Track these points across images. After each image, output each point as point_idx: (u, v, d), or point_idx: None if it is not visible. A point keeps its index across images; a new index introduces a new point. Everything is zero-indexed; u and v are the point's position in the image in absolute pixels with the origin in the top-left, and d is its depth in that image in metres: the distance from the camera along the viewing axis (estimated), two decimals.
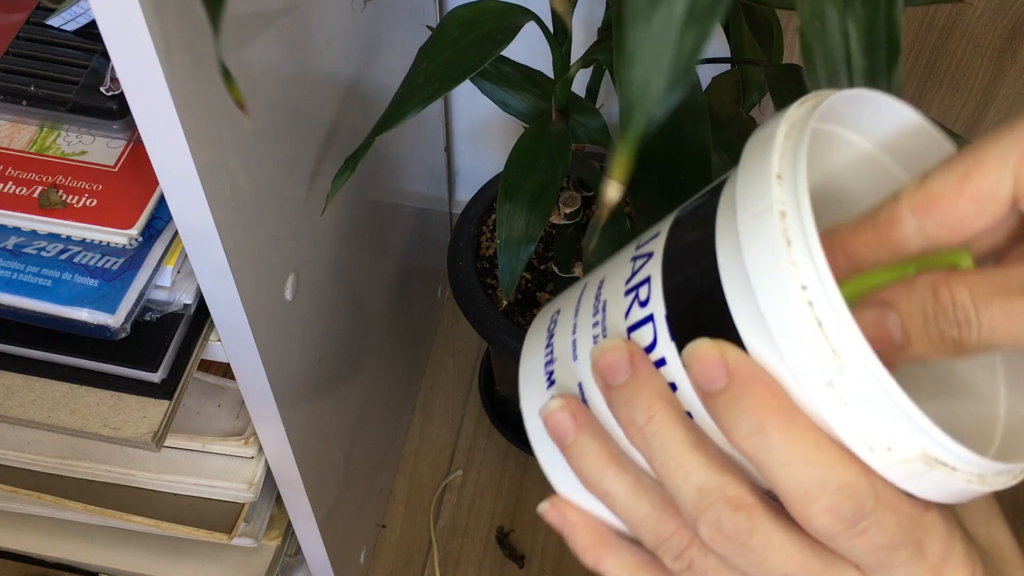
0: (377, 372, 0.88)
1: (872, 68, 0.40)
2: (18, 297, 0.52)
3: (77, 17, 0.56)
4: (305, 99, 0.55)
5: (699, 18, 0.39)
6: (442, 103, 1.02)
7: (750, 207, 0.28)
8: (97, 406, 0.56)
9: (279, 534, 0.84)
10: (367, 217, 0.74)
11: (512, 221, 0.57)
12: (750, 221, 0.28)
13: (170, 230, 0.53)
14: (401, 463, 1.08)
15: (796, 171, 0.28)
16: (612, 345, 0.30)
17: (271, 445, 0.65)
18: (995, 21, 0.80)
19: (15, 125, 0.56)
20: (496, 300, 0.85)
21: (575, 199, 0.76)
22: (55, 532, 0.86)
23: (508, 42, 0.53)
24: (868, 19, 0.40)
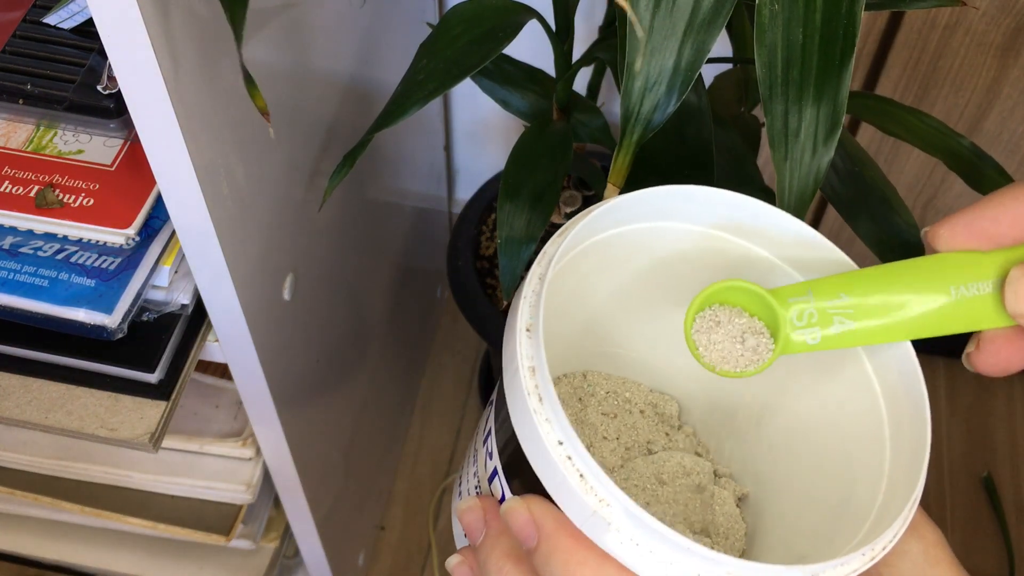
0: (376, 372, 0.88)
1: (825, 62, 0.40)
2: (14, 297, 0.51)
3: (74, 15, 0.56)
4: (304, 97, 0.55)
5: (700, 28, 0.39)
6: (442, 101, 1.02)
7: (508, 365, 0.31)
8: (94, 407, 0.55)
9: (277, 536, 0.84)
10: (366, 216, 0.74)
11: (513, 221, 0.57)
12: (510, 379, 0.31)
13: (167, 230, 0.53)
14: (400, 464, 1.08)
15: (539, 325, 0.31)
16: (468, 506, 0.34)
17: (269, 446, 0.64)
18: (999, 20, 0.79)
19: (11, 124, 0.55)
20: (496, 300, 0.85)
21: (576, 198, 0.76)
22: (52, 534, 0.85)
23: (510, 40, 0.52)
24: (828, 10, 0.40)
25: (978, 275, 0.30)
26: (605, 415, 0.43)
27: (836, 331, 0.31)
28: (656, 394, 0.45)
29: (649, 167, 0.55)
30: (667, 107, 0.40)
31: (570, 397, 0.43)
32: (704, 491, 0.42)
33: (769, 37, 0.40)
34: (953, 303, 0.31)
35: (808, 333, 0.32)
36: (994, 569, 1.03)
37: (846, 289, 0.32)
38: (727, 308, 0.33)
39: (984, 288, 0.30)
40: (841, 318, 0.31)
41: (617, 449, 0.42)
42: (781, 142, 0.41)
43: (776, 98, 0.40)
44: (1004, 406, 1.14)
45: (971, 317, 0.31)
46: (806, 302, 0.32)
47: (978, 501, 1.07)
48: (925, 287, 0.31)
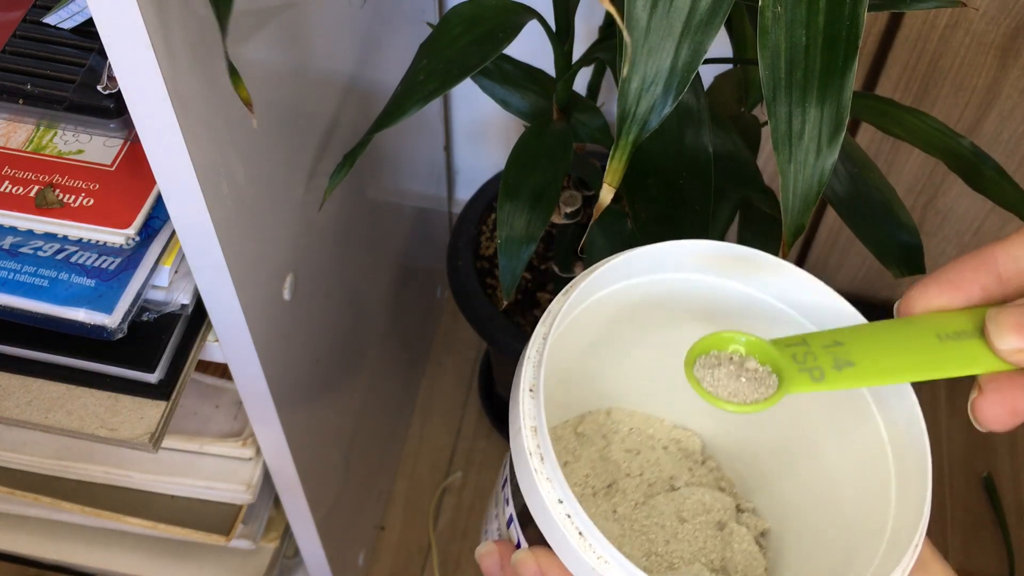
0: (376, 373, 0.88)
1: (828, 64, 0.40)
2: (14, 297, 0.51)
3: (74, 15, 0.56)
4: (303, 97, 0.55)
5: (697, 29, 0.39)
6: (442, 101, 1.02)
7: (513, 423, 0.33)
8: (94, 407, 0.55)
9: (277, 536, 0.83)
10: (366, 216, 0.74)
11: (513, 221, 0.57)
12: (514, 437, 0.33)
13: (167, 229, 0.53)
14: (400, 464, 1.08)
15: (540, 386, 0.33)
16: (486, 551, 0.36)
17: (269, 446, 0.64)
18: (999, 20, 0.79)
19: (12, 124, 0.55)
20: (496, 300, 0.85)
21: (576, 198, 0.76)
22: (52, 534, 0.85)
23: (510, 40, 0.52)
24: (831, 12, 0.40)
25: (959, 326, 0.32)
26: (628, 451, 0.45)
27: (839, 370, 0.32)
28: (680, 430, 0.46)
29: (647, 169, 0.55)
30: (663, 108, 0.40)
31: (594, 434, 0.45)
32: (724, 528, 0.43)
33: (772, 39, 0.40)
34: (943, 347, 0.31)
35: (812, 370, 0.32)
36: (994, 569, 1.03)
37: (840, 338, 0.33)
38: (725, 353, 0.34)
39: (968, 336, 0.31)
40: (840, 359, 0.32)
41: (640, 485, 0.44)
42: (785, 144, 0.41)
43: (780, 100, 0.40)
44: None
45: (964, 360, 0.31)
46: (803, 347, 0.33)
47: (978, 501, 1.07)
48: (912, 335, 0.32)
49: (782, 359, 0.33)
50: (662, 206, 0.55)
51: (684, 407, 0.46)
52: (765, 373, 0.33)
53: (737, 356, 0.34)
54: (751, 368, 0.33)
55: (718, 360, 0.33)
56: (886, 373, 0.32)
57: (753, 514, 0.44)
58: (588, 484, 0.44)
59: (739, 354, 0.34)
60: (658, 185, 0.55)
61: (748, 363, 0.33)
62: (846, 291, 1.22)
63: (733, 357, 0.34)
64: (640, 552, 0.42)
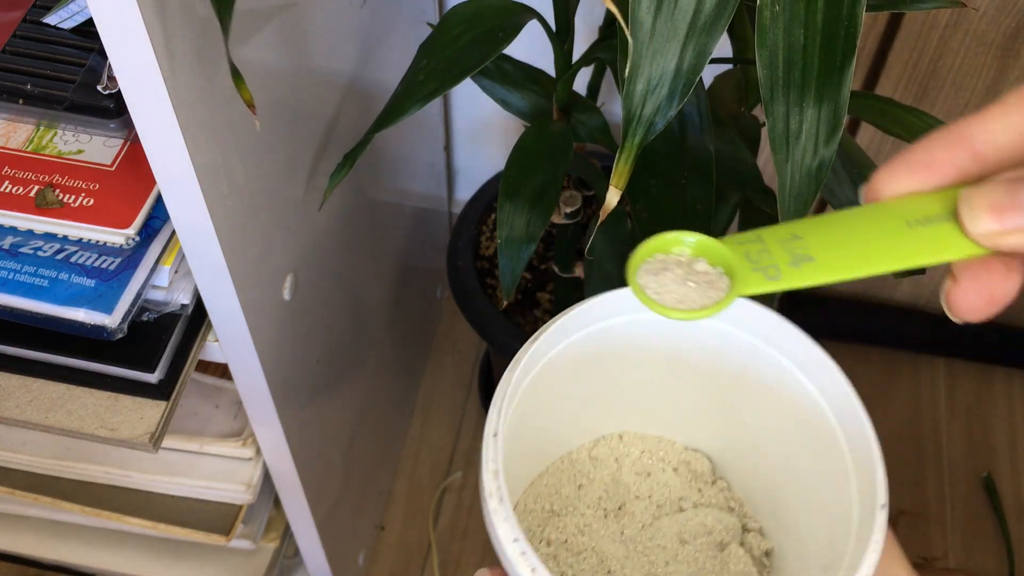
0: (376, 373, 0.88)
1: (826, 63, 0.40)
2: (14, 297, 0.51)
3: (74, 15, 0.56)
4: (304, 97, 0.55)
5: (702, 31, 0.39)
6: (442, 101, 1.02)
7: (484, 465, 0.35)
8: (94, 407, 0.55)
9: (277, 536, 0.83)
10: (366, 217, 0.74)
11: (513, 221, 0.57)
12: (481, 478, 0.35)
13: (167, 229, 0.53)
14: (400, 464, 1.08)
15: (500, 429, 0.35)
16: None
17: (269, 446, 0.64)
18: (999, 19, 0.79)
19: (12, 124, 0.55)
20: (496, 300, 0.85)
21: (576, 198, 0.76)
22: (52, 534, 0.85)
23: (510, 40, 0.52)
24: (829, 11, 0.40)
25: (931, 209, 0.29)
26: (639, 474, 0.45)
27: (797, 266, 0.29)
28: (689, 452, 0.46)
29: (649, 169, 0.55)
30: (669, 110, 0.40)
31: (607, 457, 0.46)
32: (724, 549, 0.43)
33: (770, 38, 0.40)
34: (912, 234, 0.28)
35: (766, 269, 0.30)
36: (994, 569, 1.03)
37: (799, 231, 0.30)
38: (673, 255, 0.32)
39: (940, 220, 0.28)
40: (799, 254, 0.29)
41: (649, 507, 0.44)
42: (782, 143, 0.41)
43: (777, 99, 0.40)
44: (1004, 406, 1.14)
45: (935, 247, 0.28)
46: (757, 244, 0.30)
47: (978, 501, 1.07)
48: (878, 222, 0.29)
49: (734, 258, 0.30)
50: (663, 206, 0.55)
51: (695, 429, 0.46)
52: (716, 275, 0.31)
53: (685, 258, 0.31)
54: (700, 271, 0.31)
55: (664, 264, 0.31)
56: (848, 266, 0.29)
57: (759, 534, 0.44)
58: (600, 506, 0.44)
59: (687, 256, 0.31)
60: (659, 185, 0.55)
61: (697, 265, 0.31)
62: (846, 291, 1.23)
63: (681, 259, 0.31)
64: (641, 573, 0.42)
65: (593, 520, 0.44)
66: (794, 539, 0.42)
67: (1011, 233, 0.27)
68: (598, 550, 0.43)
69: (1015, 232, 0.27)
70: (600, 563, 0.42)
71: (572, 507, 0.44)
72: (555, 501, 0.44)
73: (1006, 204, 0.27)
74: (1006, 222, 0.27)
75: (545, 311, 0.87)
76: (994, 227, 0.27)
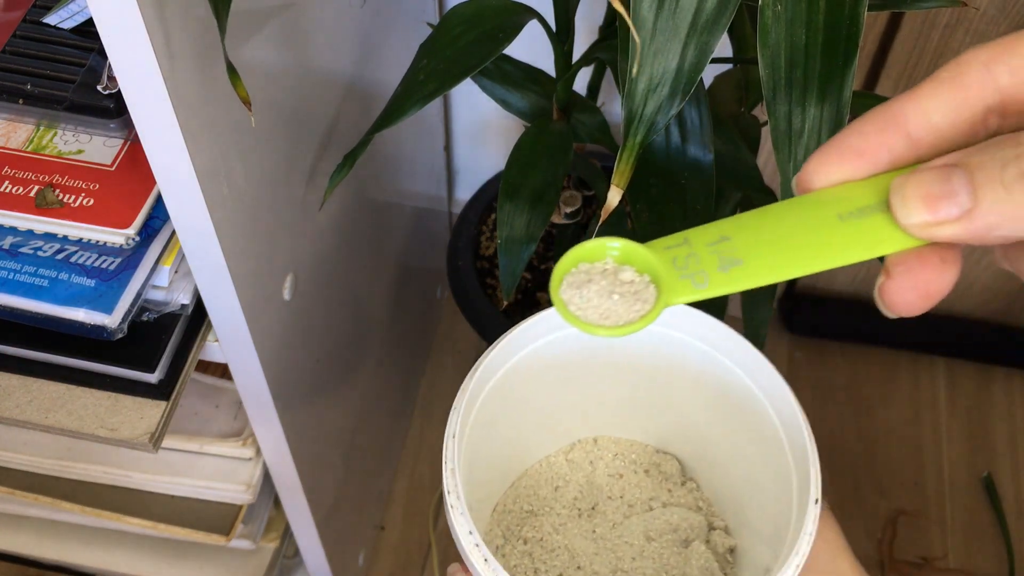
0: (376, 373, 0.88)
1: (828, 62, 0.40)
2: (14, 297, 0.51)
3: (74, 15, 0.56)
4: (304, 97, 0.55)
5: (703, 30, 0.39)
6: (442, 101, 1.02)
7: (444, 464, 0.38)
8: (94, 407, 0.55)
9: (277, 536, 0.83)
10: (366, 217, 0.74)
11: (513, 221, 0.57)
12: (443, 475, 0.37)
13: (167, 229, 0.53)
14: (400, 464, 1.08)
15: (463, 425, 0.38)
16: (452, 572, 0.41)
17: (269, 446, 0.64)
18: (999, 20, 0.79)
19: (12, 124, 0.55)
20: (496, 300, 0.85)
21: (576, 198, 0.76)
22: (52, 534, 0.85)
23: (510, 40, 0.52)
24: (831, 11, 0.40)
25: (863, 200, 0.27)
26: (611, 476, 0.48)
27: (725, 271, 0.28)
28: (660, 454, 0.49)
29: (649, 169, 0.55)
30: (670, 109, 0.40)
31: (583, 460, 0.48)
32: (688, 546, 0.45)
33: (772, 38, 0.40)
34: (844, 228, 0.27)
35: (694, 275, 0.28)
36: (994, 569, 1.03)
37: (726, 231, 0.29)
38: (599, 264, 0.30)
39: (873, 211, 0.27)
40: (728, 257, 0.28)
41: (621, 507, 0.47)
42: (784, 143, 0.41)
43: (779, 99, 0.40)
44: (1004, 406, 1.14)
45: (868, 241, 0.27)
46: (684, 248, 0.29)
47: (978, 501, 1.07)
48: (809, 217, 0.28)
49: (660, 265, 0.29)
50: (663, 206, 0.55)
51: (664, 432, 0.48)
52: (643, 284, 0.29)
53: (611, 266, 0.30)
54: (627, 280, 0.29)
55: (588, 276, 0.30)
56: (778, 268, 0.28)
57: (724, 532, 0.46)
58: (575, 506, 0.47)
59: (612, 264, 0.30)
60: (659, 185, 0.55)
61: (623, 274, 0.30)
62: (846, 291, 1.22)
63: (607, 268, 0.30)
64: (608, 569, 0.44)
65: (568, 519, 0.46)
66: (751, 535, 0.44)
67: (945, 224, 0.25)
68: (570, 547, 0.45)
69: (949, 223, 0.25)
70: (571, 559, 0.44)
71: (548, 507, 0.46)
72: (533, 502, 0.47)
73: (939, 193, 0.25)
74: (940, 212, 0.25)
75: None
76: (927, 218, 0.25)
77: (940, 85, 0.26)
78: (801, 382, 1.14)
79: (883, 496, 1.07)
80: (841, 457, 1.09)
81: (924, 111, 0.26)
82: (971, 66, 0.25)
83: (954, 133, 0.26)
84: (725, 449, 0.45)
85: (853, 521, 1.05)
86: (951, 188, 0.25)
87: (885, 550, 1.02)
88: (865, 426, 1.11)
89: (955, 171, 0.25)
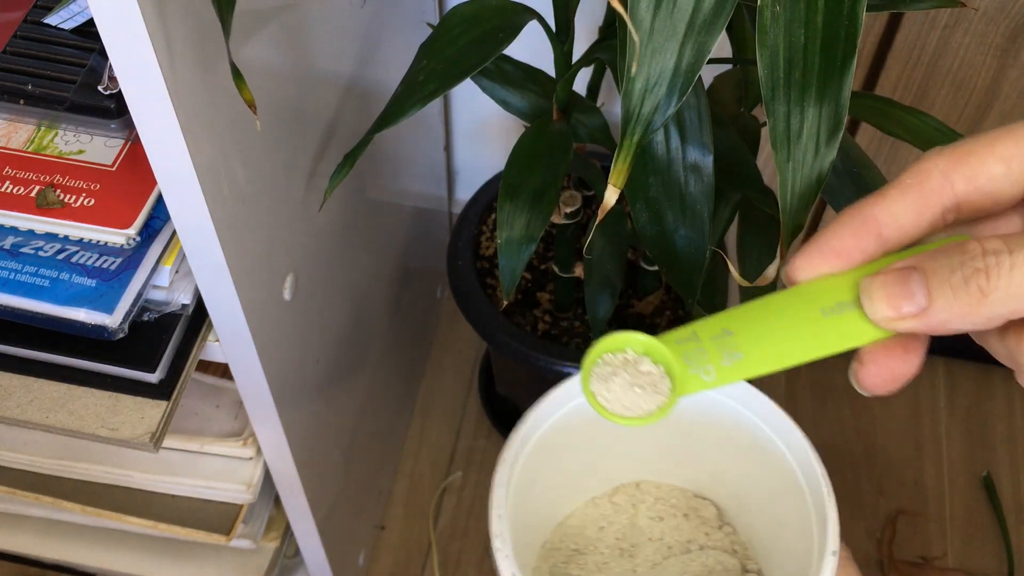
0: (376, 372, 0.88)
1: (827, 63, 0.40)
2: (15, 297, 0.51)
3: (75, 15, 0.56)
4: (304, 97, 0.55)
5: (700, 30, 0.39)
6: (442, 101, 1.02)
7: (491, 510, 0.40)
8: (95, 407, 0.55)
9: (278, 535, 0.84)
10: (366, 217, 0.74)
11: (513, 221, 0.57)
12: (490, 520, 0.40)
13: (168, 230, 0.53)
14: (400, 464, 1.08)
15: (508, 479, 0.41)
16: None
17: (269, 446, 0.65)
18: (998, 20, 0.80)
19: (12, 124, 0.55)
20: (496, 300, 0.85)
21: (576, 198, 0.76)
22: (52, 533, 0.85)
23: (510, 41, 0.53)
24: (830, 11, 0.40)
25: (840, 295, 0.32)
26: (652, 519, 0.50)
27: (728, 364, 0.32)
28: (698, 499, 0.51)
29: (648, 169, 0.55)
30: (668, 108, 0.40)
31: (626, 503, 0.50)
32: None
33: (771, 38, 0.40)
34: (826, 323, 0.32)
35: (702, 369, 0.33)
36: (994, 569, 1.03)
37: (727, 324, 0.33)
38: (620, 355, 0.35)
39: (849, 307, 0.32)
40: (729, 351, 0.33)
41: (660, 548, 0.48)
42: (784, 143, 0.41)
43: (778, 99, 0.40)
44: (1004, 406, 1.14)
45: (846, 334, 0.32)
46: (693, 342, 0.33)
47: (978, 500, 1.07)
48: (798, 312, 0.32)
49: (674, 360, 0.33)
50: (662, 206, 0.55)
51: (701, 479, 0.50)
52: (659, 375, 0.34)
53: (632, 356, 0.34)
54: (645, 371, 0.34)
55: (612, 369, 0.34)
56: (773, 360, 0.32)
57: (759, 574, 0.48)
58: (617, 546, 0.49)
59: (633, 355, 0.34)
60: (659, 185, 0.55)
61: (642, 364, 0.34)
62: None
63: (628, 358, 0.34)
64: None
65: (610, 558, 0.48)
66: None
67: (907, 319, 0.30)
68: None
69: (910, 318, 0.30)
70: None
71: (593, 546, 0.48)
72: (579, 541, 0.49)
73: (899, 294, 0.29)
74: (901, 309, 0.30)
75: (545, 311, 0.87)
76: (890, 314, 0.30)
77: (906, 191, 0.31)
78: (801, 382, 1.14)
79: (883, 496, 1.07)
80: (841, 457, 1.09)
81: (892, 214, 0.31)
82: (931, 174, 0.30)
83: (917, 231, 0.31)
84: (756, 497, 0.47)
85: (853, 521, 1.05)
86: (910, 289, 0.29)
87: (885, 550, 1.02)
88: (865, 426, 1.11)
89: (912, 274, 0.29)
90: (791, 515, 0.43)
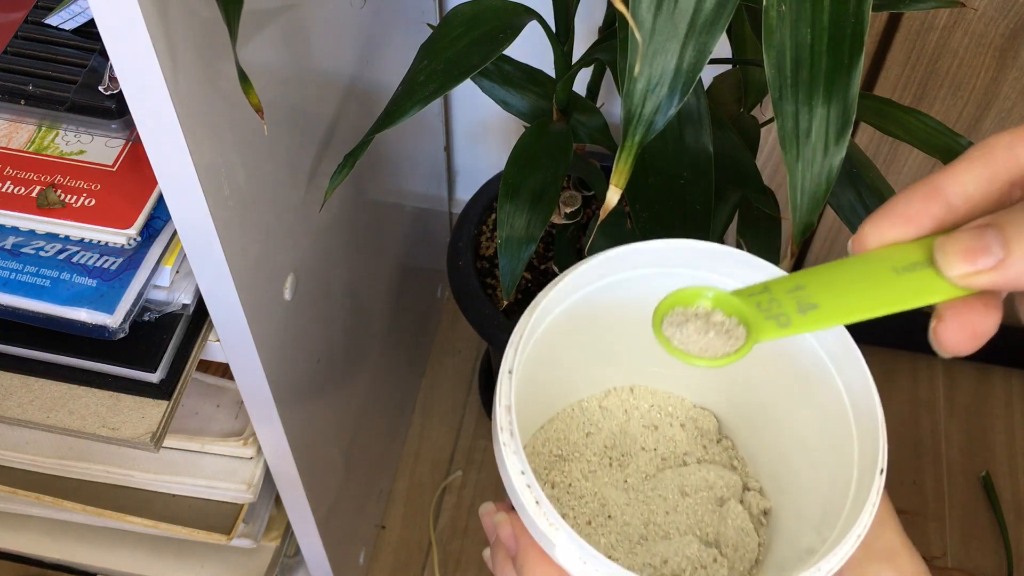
0: (376, 372, 0.88)
1: (834, 61, 0.40)
2: (16, 297, 0.51)
3: (76, 16, 0.56)
4: (304, 98, 0.55)
5: (702, 30, 0.39)
6: (442, 102, 1.02)
7: (497, 400, 0.37)
8: (95, 406, 0.56)
9: (278, 535, 0.84)
10: (367, 217, 0.74)
11: (513, 221, 0.57)
12: (494, 415, 0.37)
13: (169, 230, 0.53)
14: (401, 464, 1.08)
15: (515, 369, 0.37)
16: (484, 511, 0.41)
17: (270, 446, 0.65)
18: (997, 20, 0.80)
19: (13, 124, 0.55)
20: (496, 300, 0.85)
21: (576, 199, 0.76)
22: (53, 533, 0.86)
23: (510, 41, 0.53)
24: (836, 10, 0.40)
25: (913, 258, 0.32)
26: (646, 427, 0.47)
27: (804, 313, 0.32)
28: (697, 409, 0.48)
29: (648, 169, 0.55)
30: (669, 109, 0.40)
31: (617, 408, 0.48)
32: (724, 505, 0.44)
33: (777, 38, 0.40)
34: (900, 280, 0.31)
35: (778, 318, 0.33)
36: (993, 568, 1.03)
37: (801, 282, 0.33)
38: (691, 309, 0.35)
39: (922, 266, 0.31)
40: (805, 302, 0.32)
41: (654, 459, 0.46)
42: (792, 142, 0.41)
43: (786, 99, 0.41)
44: (1003, 406, 1.14)
45: (921, 290, 0.31)
46: (766, 294, 0.33)
47: (977, 500, 1.07)
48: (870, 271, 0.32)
49: (747, 309, 0.33)
50: (662, 206, 0.55)
51: (704, 388, 0.48)
52: (732, 324, 0.34)
53: (703, 310, 0.34)
54: (718, 321, 0.34)
55: (685, 317, 0.34)
56: (849, 312, 0.32)
57: (759, 493, 0.45)
58: (606, 454, 0.46)
59: (705, 308, 0.34)
60: (659, 185, 0.55)
61: (714, 316, 0.34)
62: None
63: (699, 312, 0.34)
64: (640, 520, 0.44)
65: (598, 467, 0.46)
66: (792, 499, 0.44)
67: (982, 273, 0.30)
68: (600, 495, 0.44)
69: (985, 272, 0.29)
70: (601, 508, 0.44)
71: (579, 453, 0.46)
72: (562, 446, 0.46)
73: (976, 247, 0.30)
74: (977, 263, 0.29)
75: None
76: (967, 269, 0.30)
77: (973, 162, 0.31)
78: None
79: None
80: None
81: (961, 183, 0.31)
82: (997, 146, 0.31)
83: (985, 202, 0.31)
84: (773, 411, 0.44)
85: None
86: (985, 243, 0.29)
87: None
88: None
89: (988, 229, 0.29)
90: (821, 433, 0.41)
